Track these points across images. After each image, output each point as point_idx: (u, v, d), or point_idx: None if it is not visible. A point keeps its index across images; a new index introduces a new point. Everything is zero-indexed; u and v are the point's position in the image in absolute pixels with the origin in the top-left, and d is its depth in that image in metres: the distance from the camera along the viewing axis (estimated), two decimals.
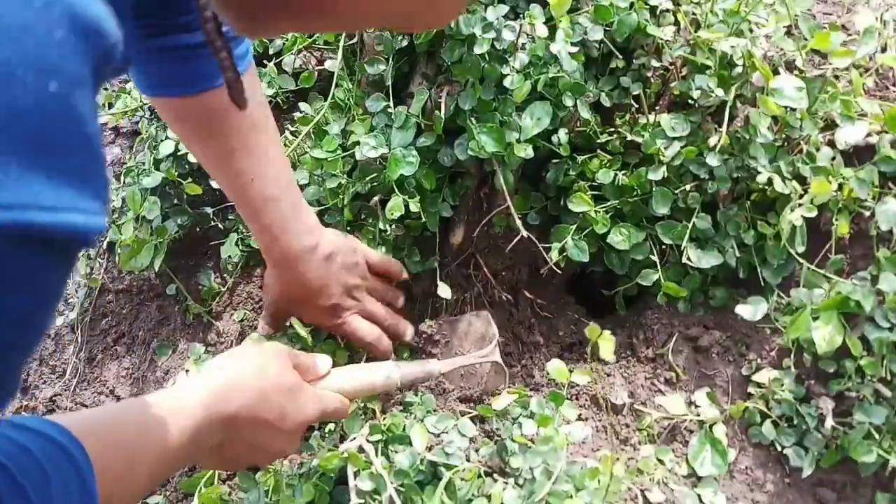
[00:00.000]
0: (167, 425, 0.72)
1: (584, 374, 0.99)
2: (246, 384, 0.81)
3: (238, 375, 0.81)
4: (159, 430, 0.71)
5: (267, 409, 0.82)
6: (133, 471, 0.68)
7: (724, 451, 1.03)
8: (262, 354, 0.85)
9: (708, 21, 1.08)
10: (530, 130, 1.04)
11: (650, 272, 1.11)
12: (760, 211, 1.09)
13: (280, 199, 0.98)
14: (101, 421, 0.69)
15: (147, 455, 0.70)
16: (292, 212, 1.00)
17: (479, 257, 1.20)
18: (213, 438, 0.78)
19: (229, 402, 0.78)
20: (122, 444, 0.67)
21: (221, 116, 0.92)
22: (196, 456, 0.80)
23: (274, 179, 0.98)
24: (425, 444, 0.91)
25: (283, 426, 0.83)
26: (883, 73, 1.12)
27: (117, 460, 0.66)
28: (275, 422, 0.82)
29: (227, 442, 0.80)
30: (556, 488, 0.88)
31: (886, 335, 0.98)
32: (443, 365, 1.03)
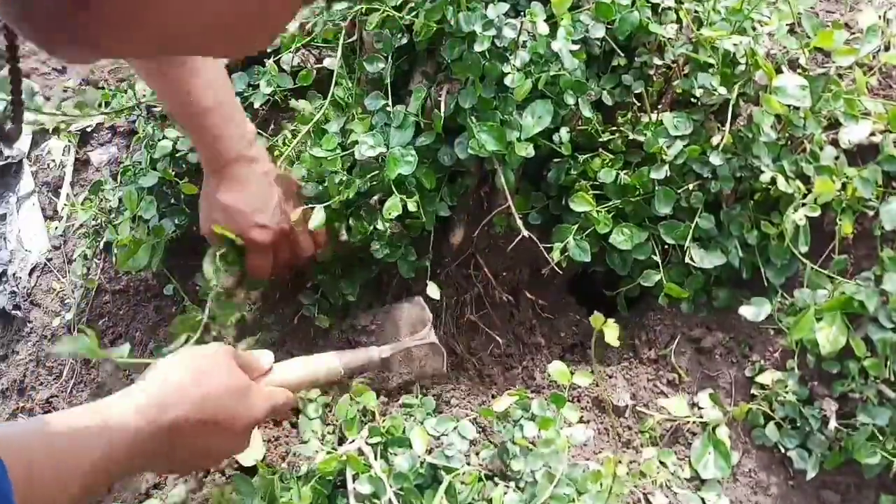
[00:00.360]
0: (101, 437, 0.71)
1: (585, 376, 0.98)
2: (186, 392, 0.80)
3: (178, 383, 0.81)
4: (92, 441, 0.71)
5: (213, 414, 0.81)
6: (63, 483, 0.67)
7: (728, 453, 1.02)
8: (206, 357, 0.85)
9: (710, 19, 1.07)
10: (531, 129, 1.03)
11: (652, 272, 1.10)
12: (764, 210, 1.08)
13: (221, 105, 1.03)
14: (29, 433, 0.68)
15: (79, 468, 0.69)
16: (231, 119, 1.05)
17: (480, 257, 1.19)
18: (157, 447, 0.77)
19: (167, 411, 0.77)
20: (50, 456, 0.67)
21: None
22: (140, 465, 0.80)
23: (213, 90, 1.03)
24: (425, 446, 0.90)
25: (233, 428, 0.84)
26: (886, 71, 1.11)
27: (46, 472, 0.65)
28: (224, 424, 0.83)
29: (173, 449, 0.79)
30: (558, 491, 0.87)
31: (890, 336, 0.97)
32: (382, 350, 1.06)
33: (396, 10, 1.04)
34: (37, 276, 1.42)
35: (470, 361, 1.17)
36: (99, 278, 1.35)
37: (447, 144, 1.07)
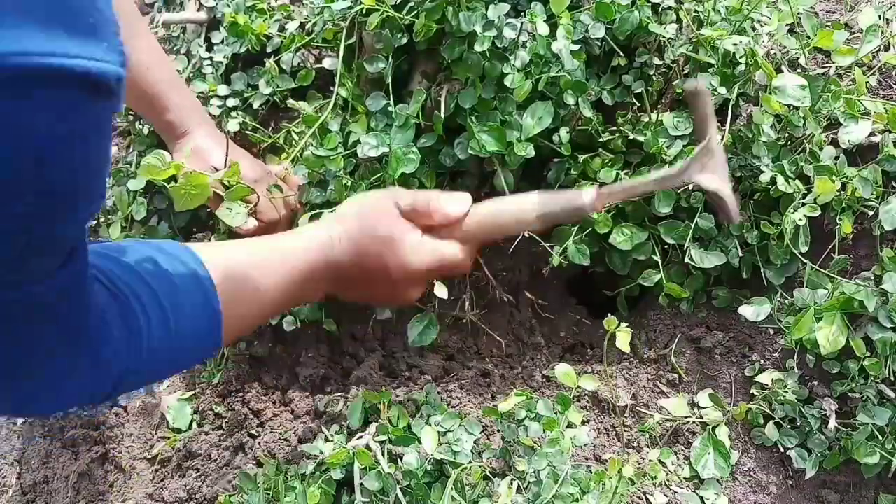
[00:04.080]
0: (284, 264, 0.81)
1: (591, 381, 0.98)
2: (349, 231, 0.85)
3: (346, 221, 0.86)
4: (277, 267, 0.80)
5: (365, 261, 0.85)
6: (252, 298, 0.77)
7: (727, 453, 1.02)
8: (371, 199, 0.89)
9: (710, 19, 1.07)
10: (531, 129, 1.03)
11: (652, 272, 1.10)
12: (763, 210, 1.08)
13: (175, 80, 1.13)
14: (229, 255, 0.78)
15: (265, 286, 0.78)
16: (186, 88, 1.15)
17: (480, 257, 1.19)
18: (324, 279, 0.84)
19: (335, 249, 0.84)
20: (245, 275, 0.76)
21: None
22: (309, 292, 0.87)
23: (167, 65, 1.14)
24: (435, 445, 0.91)
25: (387, 277, 0.86)
26: (886, 71, 1.11)
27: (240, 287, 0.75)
28: (378, 272, 0.85)
29: (340, 286, 0.87)
30: (563, 491, 0.87)
31: (890, 336, 0.97)
32: (595, 196, 0.82)
33: (396, 10, 1.03)
34: None
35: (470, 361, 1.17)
36: None
37: (448, 145, 1.07)
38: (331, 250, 0.84)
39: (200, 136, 1.13)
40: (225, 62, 1.27)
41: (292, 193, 1.13)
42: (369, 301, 0.98)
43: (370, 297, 0.93)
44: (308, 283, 0.83)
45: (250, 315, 0.79)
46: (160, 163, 0.92)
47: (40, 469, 1.19)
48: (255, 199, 1.05)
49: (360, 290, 0.89)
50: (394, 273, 0.85)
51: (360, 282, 0.87)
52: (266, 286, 0.78)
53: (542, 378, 1.13)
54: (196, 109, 1.16)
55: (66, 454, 1.16)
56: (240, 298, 0.75)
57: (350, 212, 0.87)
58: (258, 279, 0.78)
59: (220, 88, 1.25)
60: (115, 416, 1.18)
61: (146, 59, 1.09)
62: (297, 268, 0.81)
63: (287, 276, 0.81)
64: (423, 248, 0.87)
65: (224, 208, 1.02)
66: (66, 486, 1.14)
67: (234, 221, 1.02)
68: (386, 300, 0.95)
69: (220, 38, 1.30)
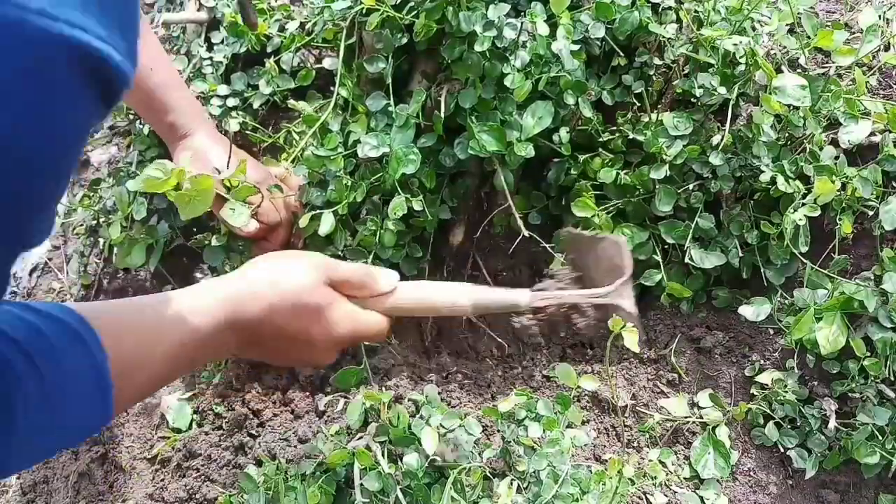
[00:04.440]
0: (185, 322, 0.73)
1: (591, 381, 0.98)
2: (261, 294, 0.81)
3: (257, 283, 0.82)
4: (176, 325, 0.73)
5: (281, 324, 0.82)
6: (147, 360, 0.68)
7: (727, 453, 1.02)
8: (290, 267, 0.85)
9: (710, 19, 1.07)
10: (531, 129, 1.03)
11: (653, 272, 1.10)
12: (763, 210, 1.08)
13: (176, 81, 1.13)
14: (119, 309, 0.70)
15: (162, 347, 0.71)
16: (187, 89, 1.15)
17: (480, 258, 1.19)
18: (232, 341, 0.79)
19: (245, 310, 0.79)
20: (137, 333, 0.69)
21: None
22: (217, 354, 0.84)
23: (168, 65, 1.13)
24: (435, 445, 0.91)
25: (307, 341, 0.85)
26: (886, 71, 1.11)
27: (132, 348, 0.67)
28: (296, 336, 0.84)
29: (250, 345, 0.82)
30: (563, 491, 0.87)
31: (890, 336, 0.97)
32: (532, 298, 0.88)
33: (396, 10, 1.03)
34: (37, 277, 1.42)
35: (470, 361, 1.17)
36: (98, 277, 1.35)
37: (448, 145, 1.07)
38: (240, 312, 0.79)
39: (201, 138, 1.12)
40: (225, 62, 1.27)
41: (292, 194, 1.13)
42: (284, 361, 0.94)
43: (287, 358, 0.90)
44: (208, 346, 0.78)
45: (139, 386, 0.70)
46: (161, 173, 0.90)
47: (40, 469, 1.19)
48: (257, 201, 1.05)
49: (272, 351, 0.86)
50: (316, 339, 0.86)
51: (273, 344, 0.84)
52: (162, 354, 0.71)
53: (542, 378, 1.13)
54: (197, 111, 1.16)
55: (66, 454, 1.16)
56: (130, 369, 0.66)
57: (262, 277, 0.83)
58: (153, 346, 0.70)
59: (220, 88, 1.25)
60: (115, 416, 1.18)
61: (147, 59, 1.09)
62: (197, 331, 0.75)
63: (187, 338, 0.74)
64: (348, 317, 0.89)
65: (227, 209, 1.01)
66: (66, 486, 1.14)
67: (237, 222, 1.02)
68: (302, 363, 0.95)
69: (220, 38, 1.30)
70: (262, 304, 0.81)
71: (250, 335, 0.81)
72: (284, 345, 0.85)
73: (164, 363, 0.71)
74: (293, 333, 0.84)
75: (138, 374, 0.68)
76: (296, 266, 0.86)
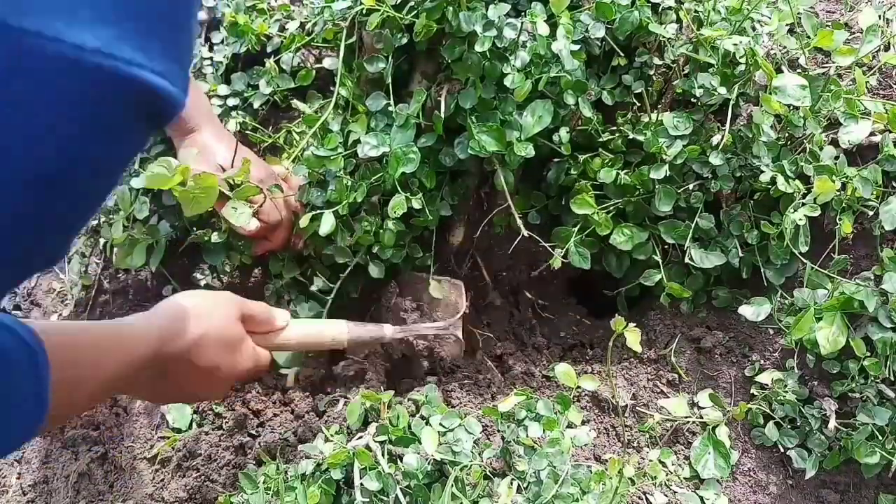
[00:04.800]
0: (117, 354, 0.75)
1: (591, 381, 0.98)
2: (188, 330, 0.84)
3: (184, 319, 0.84)
4: (110, 356, 0.75)
5: (201, 358, 0.85)
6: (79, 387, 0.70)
7: (727, 453, 1.02)
8: (212, 303, 0.89)
9: (710, 19, 1.07)
10: (531, 129, 1.03)
11: (653, 272, 1.10)
12: (763, 210, 1.08)
13: None
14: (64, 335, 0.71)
15: (95, 377, 0.73)
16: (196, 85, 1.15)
17: (480, 257, 1.19)
18: (151, 373, 0.81)
19: (166, 345, 0.81)
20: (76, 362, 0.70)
21: None
22: (131, 387, 0.84)
23: None
24: (435, 446, 0.91)
25: (214, 376, 0.88)
26: (886, 71, 1.11)
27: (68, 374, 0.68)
28: (207, 370, 0.86)
29: (159, 379, 0.84)
30: (563, 491, 0.87)
31: (890, 336, 0.97)
32: (394, 331, 1.05)
33: (396, 10, 1.03)
34: (37, 276, 1.42)
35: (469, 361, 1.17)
36: (98, 278, 1.35)
37: (448, 145, 1.07)
38: (164, 347, 0.81)
39: (207, 135, 1.12)
40: (225, 62, 1.28)
41: (292, 194, 1.13)
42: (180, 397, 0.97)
43: (186, 393, 0.92)
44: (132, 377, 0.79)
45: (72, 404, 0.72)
46: (166, 170, 0.91)
47: (40, 469, 1.19)
48: (259, 200, 1.05)
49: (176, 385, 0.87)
50: (223, 372, 0.89)
51: (181, 379, 0.86)
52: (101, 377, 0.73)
53: (542, 378, 1.13)
54: (205, 107, 1.16)
55: (66, 454, 1.16)
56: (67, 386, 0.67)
57: (188, 313, 0.85)
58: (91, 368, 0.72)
59: (220, 88, 1.25)
60: (115, 417, 1.18)
61: None
62: (131, 360, 0.77)
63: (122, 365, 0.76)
64: (250, 354, 0.93)
65: (230, 207, 1.02)
66: (66, 486, 1.13)
67: (240, 221, 1.02)
68: (198, 398, 0.98)
69: (221, 37, 1.30)
70: (187, 340, 0.84)
71: (167, 369, 0.83)
72: (192, 380, 0.87)
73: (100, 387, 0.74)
74: (204, 368, 0.86)
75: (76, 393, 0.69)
76: (217, 302, 0.90)
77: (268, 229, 1.11)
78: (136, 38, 0.37)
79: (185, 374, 0.86)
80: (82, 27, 0.34)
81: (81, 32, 0.34)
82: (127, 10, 0.36)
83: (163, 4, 0.38)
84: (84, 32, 0.34)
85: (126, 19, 0.36)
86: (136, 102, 0.39)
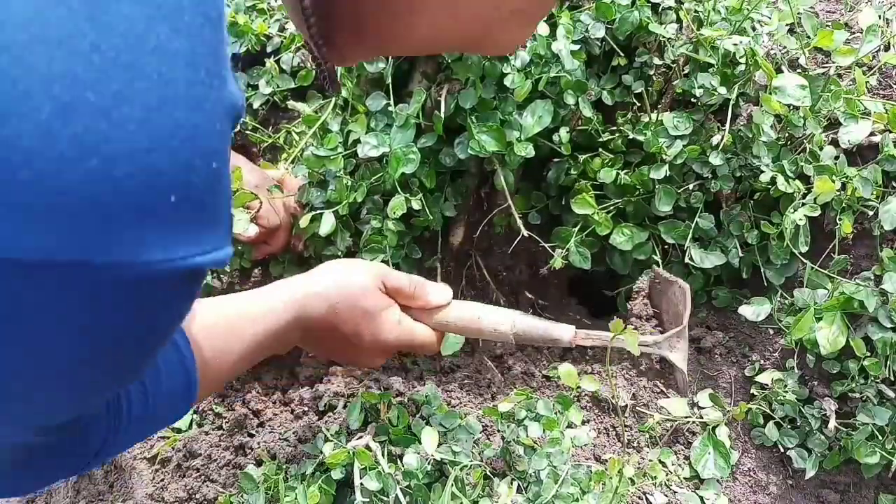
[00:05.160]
0: (258, 323, 0.83)
1: (591, 381, 0.98)
2: (325, 295, 0.88)
3: (322, 284, 0.89)
4: (251, 325, 0.82)
5: (341, 325, 0.89)
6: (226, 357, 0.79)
7: (727, 453, 1.02)
8: (350, 270, 0.92)
9: (710, 19, 1.07)
10: (531, 129, 1.03)
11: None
12: (763, 210, 1.08)
13: None
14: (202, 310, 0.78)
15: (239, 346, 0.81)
16: None
17: (480, 257, 1.19)
18: (297, 336, 0.88)
19: (305, 311, 0.87)
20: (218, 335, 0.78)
21: None
22: (285, 347, 0.91)
23: None
24: (435, 446, 0.91)
25: (358, 343, 0.91)
26: (886, 71, 1.11)
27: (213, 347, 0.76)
28: (349, 337, 0.90)
29: (306, 340, 0.90)
30: (563, 491, 0.87)
31: (890, 336, 0.97)
32: (574, 336, 0.93)
33: None
34: None
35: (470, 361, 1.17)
36: None
37: (448, 145, 1.07)
38: (303, 310, 0.87)
39: None
40: None
41: (291, 194, 1.13)
42: (335, 358, 1.03)
43: (338, 355, 0.99)
44: (278, 340, 0.86)
45: (222, 375, 0.81)
46: None
47: None
48: (256, 206, 1.05)
49: (327, 348, 0.95)
50: (366, 342, 0.91)
51: (329, 341, 0.91)
52: (240, 349, 0.81)
53: (542, 378, 1.13)
54: None
55: None
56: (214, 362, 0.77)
57: (327, 280, 0.90)
58: (233, 342, 0.80)
59: None
60: None
61: None
62: (269, 329, 0.84)
63: (260, 335, 0.83)
64: (398, 327, 0.93)
65: None
66: (66, 486, 1.14)
67: (237, 228, 1.03)
68: (351, 362, 1.02)
69: None
70: (325, 304, 0.88)
71: (312, 332, 0.89)
72: (339, 343, 0.91)
73: (240, 359, 0.81)
74: (346, 334, 0.90)
75: (216, 369, 0.77)
76: (356, 270, 0.92)
77: (267, 234, 1.11)
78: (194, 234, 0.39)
79: (329, 339, 0.90)
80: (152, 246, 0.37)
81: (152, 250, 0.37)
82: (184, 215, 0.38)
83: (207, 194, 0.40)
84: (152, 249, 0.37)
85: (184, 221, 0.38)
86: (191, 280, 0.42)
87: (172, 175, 0.36)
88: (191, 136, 0.37)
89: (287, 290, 0.88)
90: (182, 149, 0.36)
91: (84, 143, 0.33)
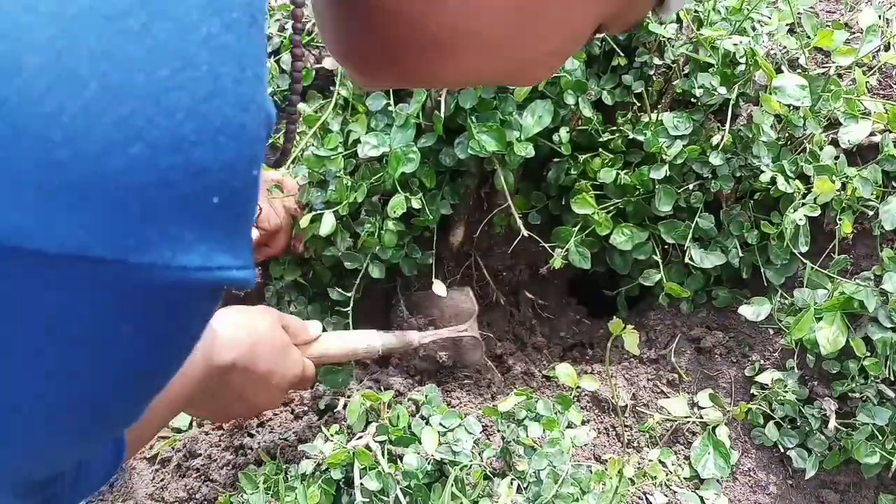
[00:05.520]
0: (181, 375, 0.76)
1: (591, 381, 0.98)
2: (240, 338, 0.86)
3: (232, 329, 0.86)
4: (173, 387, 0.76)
5: (257, 364, 0.87)
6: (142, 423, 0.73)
7: (727, 453, 1.02)
8: (256, 312, 0.91)
9: (710, 19, 1.07)
10: (531, 129, 1.03)
11: (653, 272, 1.10)
12: (763, 210, 1.08)
13: None
14: None
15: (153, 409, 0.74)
16: None
17: (479, 257, 1.19)
18: (209, 386, 0.84)
19: (221, 354, 0.84)
20: None
21: None
22: (193, 403, 0.86)
23: None
24: (435, 446, 0.91)
25: (269, 382, 0.90)
26: (886, 71, 1.11)
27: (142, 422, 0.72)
28: (264, 377, 0.89)
29: (218, 392, 0.86)
30: (563, 491, 0.87)
31: (890, 336, 0.97)
32: (421, 337, 1.09)
33: None
34: None
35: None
36: None
37: (448, 145, 1.07)
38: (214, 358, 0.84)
39: None
40: None
41: (291, 195, 1.13)
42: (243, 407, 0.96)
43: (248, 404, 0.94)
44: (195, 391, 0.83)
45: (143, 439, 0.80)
46: None
47: None
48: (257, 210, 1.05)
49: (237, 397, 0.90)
50: (277, 378, 0.91)
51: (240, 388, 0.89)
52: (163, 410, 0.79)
53: (542, 378, 1.13)
54: None
55: None
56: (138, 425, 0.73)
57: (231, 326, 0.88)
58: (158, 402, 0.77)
59: None
60: None
61: None
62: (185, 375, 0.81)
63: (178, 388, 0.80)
64: (297, 359, 0.95)
65: None
66: None
67: None
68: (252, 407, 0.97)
69: None
70: (242, 348, 0.86)
71: (224, 380, 0.86)
72: (251, 386, 0.89)
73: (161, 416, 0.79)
74: (263, 371, 0.88)
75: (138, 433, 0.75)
76: (256, 312, 0.92)
77: (268, 236, 1.11)
78: (230, 244, 0.37)
79: (242, 383, 0.88)
80: (191, 250, 0.35)
81: (190, 254, 0.35)
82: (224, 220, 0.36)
83: (246, 203, 0.38)
84: (190, 254, 0.35)
85: (223, 228, 0.36)
86: (215, 295, 0.40)
87: (216, 174, 0.34)
88: (237, 135, 0.34)
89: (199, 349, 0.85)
90: (228, 147, 0.34)
91: (130, 127, 0.30)
